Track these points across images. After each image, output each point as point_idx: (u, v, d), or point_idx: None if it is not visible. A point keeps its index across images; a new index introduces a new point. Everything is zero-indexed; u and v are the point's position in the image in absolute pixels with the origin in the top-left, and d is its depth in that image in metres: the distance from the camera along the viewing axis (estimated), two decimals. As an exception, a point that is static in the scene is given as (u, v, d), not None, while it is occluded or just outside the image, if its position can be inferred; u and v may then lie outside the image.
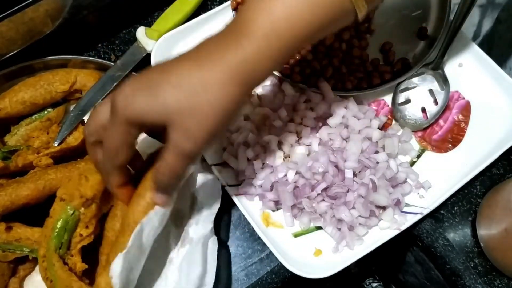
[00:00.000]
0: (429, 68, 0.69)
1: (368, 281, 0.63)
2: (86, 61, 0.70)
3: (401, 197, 0.61)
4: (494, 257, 0.61)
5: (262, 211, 0.63)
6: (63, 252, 0.54)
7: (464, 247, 0.63)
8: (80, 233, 0.55)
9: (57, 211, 0.54)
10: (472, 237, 0.63)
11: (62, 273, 0.53)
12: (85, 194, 0.54)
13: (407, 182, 0.63)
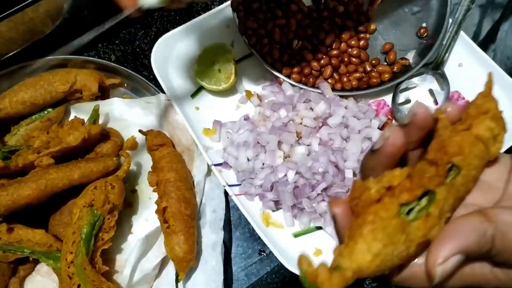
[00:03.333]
0: (429, 68, 0.69)
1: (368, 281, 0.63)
2: (86, 61, 0.70)
3: (401, 197, 0.61)
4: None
5: (262, 211, 0.63)
6: (88, 256, 0.55)
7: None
8: (102, 237, 0.57)
9: (84, 217, 0.56)
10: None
11: (93, 275, 0.54)
12: (113, 200, 0.57)
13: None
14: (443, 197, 0.27)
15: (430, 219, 0.27)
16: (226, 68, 0.68)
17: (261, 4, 0.69)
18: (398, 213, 0.26)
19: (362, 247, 0.25)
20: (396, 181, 0.27)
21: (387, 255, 0.25)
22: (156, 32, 0.77)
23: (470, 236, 0.26)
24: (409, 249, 0.26)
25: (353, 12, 0.70)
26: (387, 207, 0.26)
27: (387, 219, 0.26)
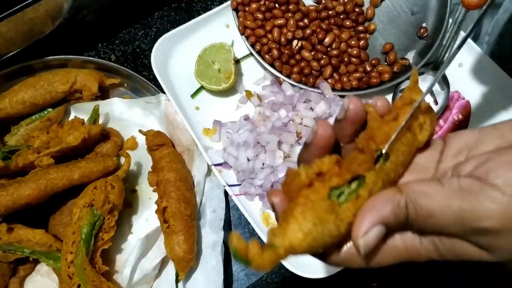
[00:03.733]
0: (429, 68, 0.69)
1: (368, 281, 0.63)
2: (86, 61, 0.70)
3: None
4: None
5: (262, 211, 0.63)
6: (88, 256, 0.55)
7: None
8: (102, 237, 0.57)
9: (84, 217, 0.56)
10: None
11: (93, 275, 0.54)
12: (114, 201, 0.57)
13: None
14: (372, 181, 0.30)
15: (360, 200, 0.29)
16: (226, 68, 0.68)
17: (260, 4, 0.69)
18: (328, 196, 0.28)
19: (293, 227, 0.27)
20: (325, 167, 0.30)
21: (318, 234, 0.27)
22: (156, 32, 0.77)
23: (385, 207, 0.28)
24: (340, 228, 0.28)
25: (352, 12, 0.70)
26: (317, 190, 0.28)
27: (317, 201, 0.28)
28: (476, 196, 0.26)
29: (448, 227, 0.27)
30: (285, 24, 0.68)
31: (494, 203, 0.26)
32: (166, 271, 0.61)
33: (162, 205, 0.59)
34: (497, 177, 0.26)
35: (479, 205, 0.26)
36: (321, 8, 0.70)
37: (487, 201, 0.26)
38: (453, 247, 0.29)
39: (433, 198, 0.27)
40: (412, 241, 0.30)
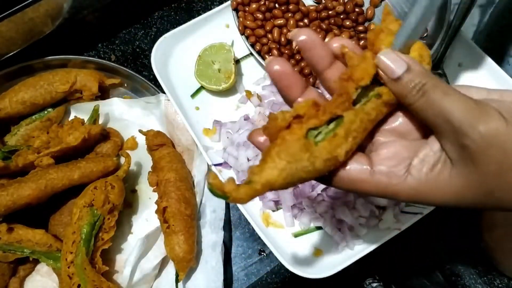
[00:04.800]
0: (429, 68, 0.69)
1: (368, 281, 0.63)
2: (86, 61, 0.70)
3: (401, 197, 0.61)
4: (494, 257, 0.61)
5: (262, 211, 0.63)
6: (88, 256, 0.55)
7: (464, 247, 0.63)
8: (102, 237, 0.57)
9: (84, 217, 0.56)
10: (472, 237, 0.63)
11: (93, 275, 0.54)
12: (114, 201, 0.58)
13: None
14: (350, 120, 0.32)
15: (336, 139, 0.31)
16: (226, 68, 0.68)
17: (260, 4, 0.69)
18: (305, 136, 0.31)
19: (269, 165, 0.30)
20: (302, 110, 0.31)
21: (292, 170, 0.30)
22: (156, 32, 0.77)
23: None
24: (315, 165, 0.31)
25: (352, 12, 0.70)
26: (294, 131, 0.31)
27: (292, 141, 0.30)
28: (486, 110, 0.30)
29: (454, 115, 0.30)
30: (285, 24, 0.68)
31: (497, 121, 0.30)
32: (166, 271, 0.61)
33: (162, 205, 0.59)
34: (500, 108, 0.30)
35: (485, 115, 0.30)
36: (321, 8, 0.70)
37: (493, 117, 0.30)
38: (431, 168, 0.32)
39: (454, 91, 0.31)
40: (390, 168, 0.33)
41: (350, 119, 0.32)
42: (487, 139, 0.29)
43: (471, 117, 0.30)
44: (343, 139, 0.32)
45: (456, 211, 0.65)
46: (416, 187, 0.33)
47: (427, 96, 0.31)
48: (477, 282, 0.61)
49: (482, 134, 0.29)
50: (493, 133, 0.29)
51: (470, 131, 0.30)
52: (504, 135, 0.29)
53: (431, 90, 0.31)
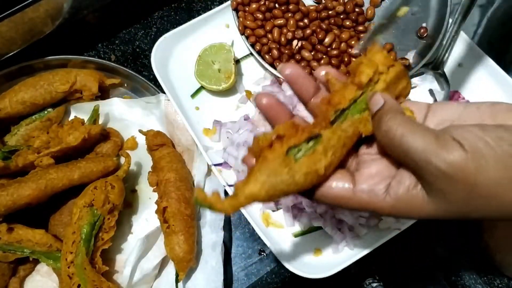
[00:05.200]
0: (429, 68, 0.69)
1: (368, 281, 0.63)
2: (86, 61, 0.70)
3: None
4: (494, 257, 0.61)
5: (262, 211, 0.63)
6: (88, 256, 0.55)
7: (465, 247, 0.63)
8: (102, 237, 0.57)
9: (84, 217, 0.56)
10: (472, 237, 0.63)
11: (93, 275, 0.54)
12: (114, 200, 0.58)
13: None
14: (328, 137, 0.35)
15: (315, 155, 0.34)
16: (226, 68, 0.68)
17: (260, 4, 0.69)
18: (285, 153, 0.33)
19: (251, 179, 0.33)
20: (282, 130, 0.34)
21: (272, 183, 0.33)
22: (156, 32, 0.77)
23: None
24: (294, 178, 0.33)
25: (352, 12, 0.70)
26: (275, 150, 0.34)
27: (273, 158, 0.33)
28: (446, 143, 0.31)
29: (415, 154, 0.32)
30: (285, 24, 0.68)
31: (454, 152, 0.30)
32: (166, 271, 0.61)
33: (162, 205, 0.59)
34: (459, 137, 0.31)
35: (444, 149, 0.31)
36: (321, 8, 0.70)
37: (450, 148, 0.30)
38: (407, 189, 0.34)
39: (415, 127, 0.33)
40: (371, 187, 0.35)
41: (328, 137, 0.35)
42: (449, 173, 0.30)
43: (432, 154, 0.31)
44: (322, 155, 0.34)
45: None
46: (394, 205, 0.34)
47: (390, 133, 0.33)
48: (477, 282, 0.61)
49: (443, 170, 0.30)
50: (455, 167, 0.30)
51: (430, 168, 0.31)
52: (465, 166, 0.30)
53: (394, 127, 0.33)
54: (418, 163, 0.32)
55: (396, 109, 0.35)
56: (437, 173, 0.31)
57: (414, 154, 0.32)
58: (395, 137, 0.33)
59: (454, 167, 0.30)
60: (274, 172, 0.33)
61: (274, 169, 0.33)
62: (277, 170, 0.33)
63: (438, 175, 0.31)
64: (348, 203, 0.36)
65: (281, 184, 0.33)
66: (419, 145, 0.31)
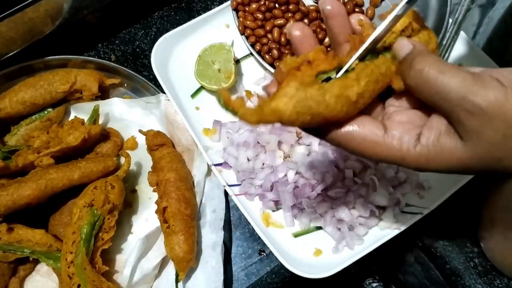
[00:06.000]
0: (429, 68, 0.69)
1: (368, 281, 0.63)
2: (86, 61, 0.70)
3: (401, 197, 0.61)
4: (494, 257, 0.61)
5: (262, 211, 0.63)
6: (88, 256, 0.55)
7: (464, 247, 0.63)
8: (102, 237, 0.57)
9: (84, 217, 0.56)
10: (472, 237, 0.63)
11: (93, 275, 0.54)
12: (114, 200, 0.58)
13: (407, 182, 0.63)
14: (361, 68, 0.32)
15: (347, 80, 0.32)
16: (226, 68, 0.68)
17: (260, 4, 0.69)
18: (314, 76, 0.31)
19: (279, 93, 0.30)
20: (311, 56, 0.32)
21: (301, 98, 0.29)
22: (156, 32, 0.77)
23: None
24: (325, 97, 0.30)
25: (353, 12, 0.70)
26: (304, 70, 0.31)
27: (302, 75, 0.30)
28: (483, 81, 0.30)
29: (453, 93, 0.30)
30: (285, 24, 0.68)
31: (494, 90, 0.30)
32: (166, 271, 0.61)
33: (162, 205, 0.59)
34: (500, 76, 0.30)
35: (483, 87, 0.30)
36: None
37: (490, 87, 0.30)
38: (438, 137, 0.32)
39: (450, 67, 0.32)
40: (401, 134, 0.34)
41: (361, 67, 0.32)
42: (488, 110, 0.30)
43: (469, 91, 0.30)
44: (354, 82, 0.32)
45: (455, 211, 0.65)
46: (424, 154, 0.33)
47: (427, 74, 0.32)
48: (477, 282, 0.61)
49: (482, 107, 0.30)
50: (494, 104, 0.30)
51: (468, 106, 0.30)
52: (505, 103, 0.29)
53: (430, 66, 0.32)
54: (454, 102, 0.31)
55: (427, 51, 0.33)
56: (474, 111, 0.30)
57: (450, 93, 0.31)
58: (429, 76, 0.31)
59: (492, 103, 0.29)
60: (304, 85, 0.30)
61: (304, 83, 0.30)
62: (307, 84, 0.30)
63: (476, 112, 0.30)
64: (377, 150, 0.34)
65: (311, 101, 0.30)
66: (455, 83, 0.30)
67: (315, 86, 0.30)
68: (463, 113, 0.31)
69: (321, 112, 0.31)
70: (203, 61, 0.69)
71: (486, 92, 0.30)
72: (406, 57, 0.33)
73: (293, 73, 0.31)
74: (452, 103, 0.31)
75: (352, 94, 0.32)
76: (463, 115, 0.31)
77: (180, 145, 0.68)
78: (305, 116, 0.30)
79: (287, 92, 0.29)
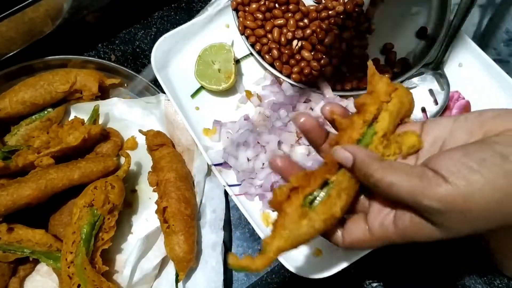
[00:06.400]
0: (429, 68, 0.69)
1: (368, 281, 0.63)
2: (86, 61, 0.70)
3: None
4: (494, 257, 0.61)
5: (262, 211, 0.63)
6: (88, 256, 0.55)
7: (464, 247, 0.63)
8: (102, 237, 0.57)
9: (84, 217, 0.56)
10: (472, 237, 0.63)
11: (93, 275, 0.54)
12: (114, 200, 0.58)
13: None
14: (339, 181, 0.37)
15: (330, 199, 0.37)
16: (226, 68, 0.68)
17: (260, 4, 0.69)
18: (301, 204, 0.36)
19: (277, 235, 0.36)
20: (296, 182, 0.37)
21: (295, 235, 0.36)
22: (156, 32, 0.77)
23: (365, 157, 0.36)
24: (315, 227, 0.36)
25: (353, 11, 0.70)
26: (292, 202, 0.36)
27: (292, 212, 0.36)
28: (428, 181, 0.32)
29: (404, 198, 0.33)
30: (285, 24, 0.68)
31: (439, 188, 0.31)
32: (166, 271, 0.61)
33: (162, 205, 0.59)
34: (442, 168, 0.32)
35: (429, 188, 0.32)
36: (321, 8, 0.70)
37: (434, 186, 0.32)
38: (411, 220, 0.34)
39: (398, 173, 0.34)
40: (381, 221, 0.37)
41: (339, 180, 0.37)
42: (439, 208, 0.32)
43: (418, 196, 0.32)
44: (336, 199, 0.37)
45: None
46: (404, 234, 0.36)
47: (373, 180, 0.35)
48: (477, 282, 0.61)
49: (433, 207, 0.32)
50: (442, 201, 0.31)
51: (422, 207, 0.33)
52: (453, 198, 0.31)
53: (375, 174, 0.35)
54: (411, 204, 0.33)
55: (370, 158, 0.36)
56: (430, 211, 0.32)
57: (404, 198, 0.33)
58: (383, 187, 0.34)
59: (442, 202, 0.31)
60: (295, 226, 0.36)
61: (295, 223, 0.36)
62: (297, 224, 0.36)
63: (431, 212, 0.32)
64: (365, 245, 0.38)
65: (303, 235, 0.36)
66: (406, 190, 0.33)
67: (304, 222, 0.36)
68: (422, 212, 0.33)
69: (313, 235, 0.37)
70: (203, 61, 0.69)
71: (434, 193, 0.31)
72: (353, 168, 0.36)
73: (284, 209, 0.36)
74: (410, 205, 0.33)
75: (336, 211, 0.37)
76: (423, 213, 0.33)
77: (180, 145, 0.68)
78: (302, 243, 0.37)
79: (282, 234, 0.36)
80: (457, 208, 0.31)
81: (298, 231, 0.36)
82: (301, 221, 0.36)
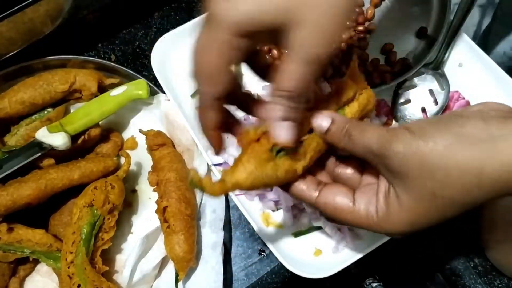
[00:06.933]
0: (429, 68, 0.69)
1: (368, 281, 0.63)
2: (86, 61, 0.70)
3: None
4: (494, 257, 0.61)
5: (262, 211, 0.63)
6: (88, 256, 0.55)
7: (464, 247, 0.63)
8: (102, 237, 0.57)
9: (84, 217, 0.56)
10: (472, 237, 0.63)
11: (93, 275, 0.54)
12: (113, 200, 0.57)
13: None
14: (308, 142, 0.39)
15: (296, 155, 0.38)
16: (226, 68, 0.68)
17: (261, 4, 0.69)
18: (270, 149, 0.36)
19: (240, 168, 0.36)
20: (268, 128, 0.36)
21: (257, 175, 0.36)
22: (156, 32, 0.77)
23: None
24: (277, 173, 0.37)
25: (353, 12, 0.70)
26: (262, 144, 0.36)
27: (260, 151, 0.36)
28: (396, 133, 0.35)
29: (373, 147, 0.36)
30: (285, 24, 0.68)
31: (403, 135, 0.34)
32: (166, 271, 0.61)
33: (162, 205, 0.59)
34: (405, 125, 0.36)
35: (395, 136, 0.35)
36: (321, 8, 0.70)
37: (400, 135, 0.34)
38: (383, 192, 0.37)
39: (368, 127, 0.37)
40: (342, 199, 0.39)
41: (308, 142, 0.39)
42: (403, 156, 0.34)
43: (384, 141, 0.35)
44: (302, 156, 0.38)
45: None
46: (383, 220, 0.37)
47: (351, 137, 0.37)
48: (477, 282, 0.62)
49: (395, 152, 0.34)
50: (406, 145, 0.34)
51: (386, 153, 0.34)
52: (416, 143, 0.33)
53: (353, 130, 0.37)
54: (379, 154, 0.35)
55: (347, 120, 0.39)
56: (394, 157, 0.34)
57: (374, 147, 0.35)
58: (356, 136, 0.37)
59: (405, 145, 0.34)
60: (260, 164, 0.36)
61: (261, 162, 0.36)
62: (263, 163, 0.36)
63: (396, 158, 0.34)
64: (347, 217, 0.39)
65: (265, 177, 0.36)
66: (374, 139, 0.35)
67: (270, 164, 0.36)
68: (388, 161, 0.35)
69: (272, 183, 0.38)
70: (203, 61, 0.69)
71: (398, 138, 0.34)
72: (330, 128, 0.38)
73: (253, 146, 0.37)
74: (375, 153, 0.36)
75: (299, 167, 0.38)
76: (388, 163, 0.35)
77: (180, 145, 0.68)
78: (258, 186, 0.37)
79: (246, 168, 0.36)
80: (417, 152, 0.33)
81: (262, 171, 0.36)
82: (267, 162, 0.36)
